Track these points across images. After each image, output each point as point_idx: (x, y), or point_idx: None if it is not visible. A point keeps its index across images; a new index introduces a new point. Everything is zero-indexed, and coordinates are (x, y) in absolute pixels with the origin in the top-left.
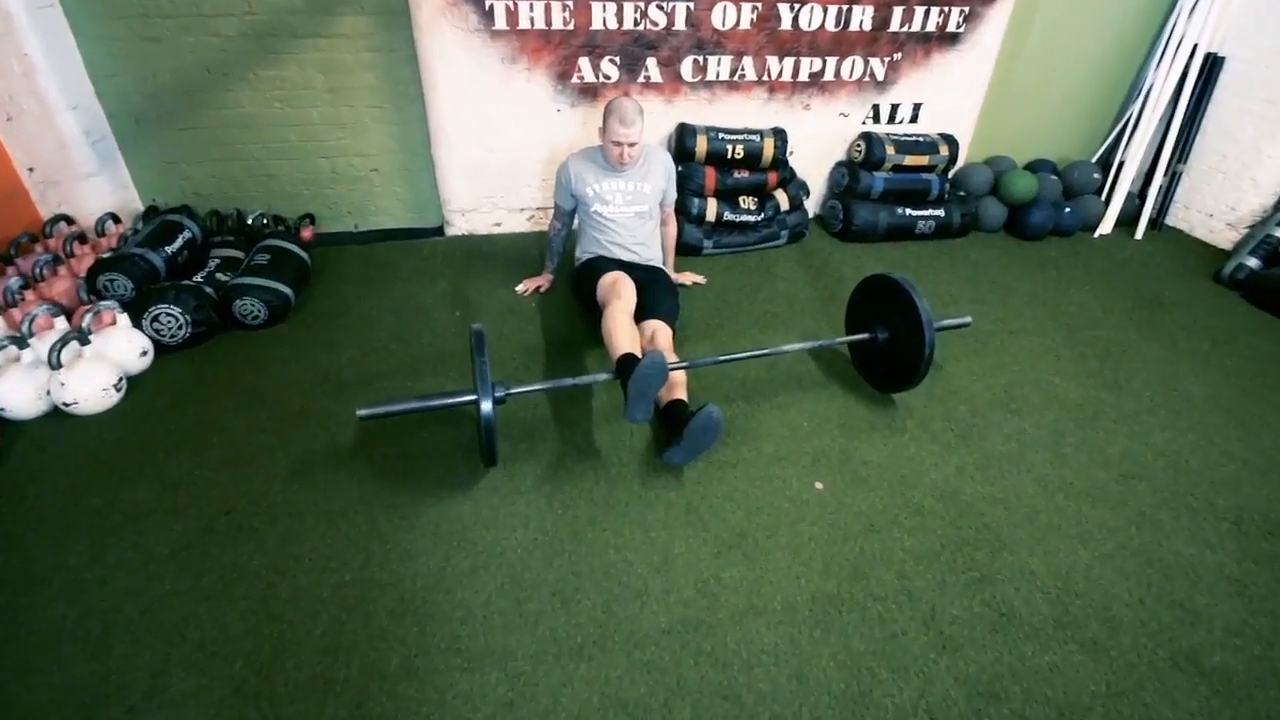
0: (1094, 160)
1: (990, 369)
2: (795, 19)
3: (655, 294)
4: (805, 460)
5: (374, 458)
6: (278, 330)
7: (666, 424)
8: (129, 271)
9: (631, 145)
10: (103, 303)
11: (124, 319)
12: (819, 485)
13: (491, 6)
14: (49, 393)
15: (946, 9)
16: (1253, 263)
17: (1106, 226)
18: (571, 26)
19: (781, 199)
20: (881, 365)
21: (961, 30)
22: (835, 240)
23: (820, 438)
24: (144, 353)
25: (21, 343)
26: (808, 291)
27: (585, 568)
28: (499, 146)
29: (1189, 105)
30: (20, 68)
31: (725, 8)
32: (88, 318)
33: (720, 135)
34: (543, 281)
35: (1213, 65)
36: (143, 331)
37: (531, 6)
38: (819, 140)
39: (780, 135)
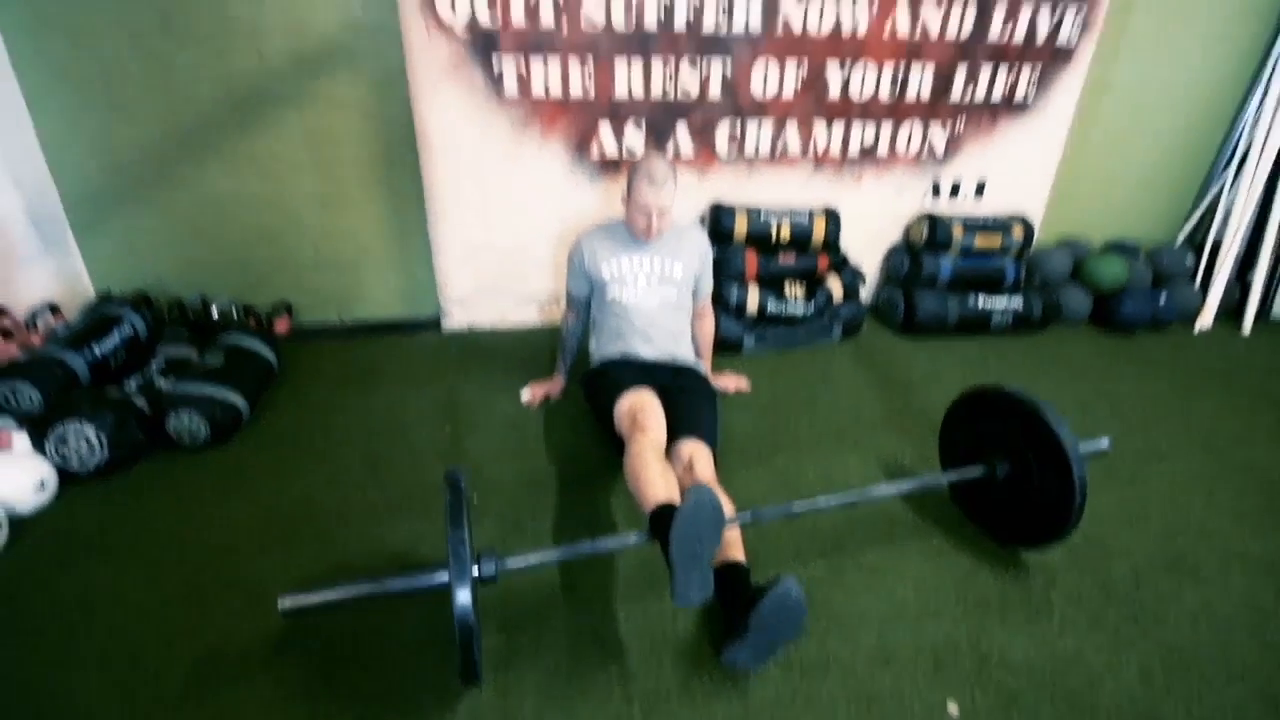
0: (1181, 241)
1: (1135, 508)
2: (845, 82)
3: (690, 403)
4: (924, 662)
5: (311, 654)
6: (221, 453)
7: (724, 600)
8: (39, 379)
9: (662, 212)
10: None
11: (22, 441)
12: (953, 709)
13: (500, 72)
14: None
15: (1017, 68)
16: None
17: (1207, 319)
18: (592, 91)
19: (834, 287)
20: (1003, 509)
21: (1030, 97)
22: (896, 335)
23: (937, 621)
24: (41, 485)
25: None
26: (876, 400)
27: None
28: (506, 226)
29: None
30: None
31: (766, 68)
32: None
33: (763, 214)
34: (553, 387)
35: None
36: (46, 456)
37: (546, 66)
38: (872, 220)
39: (832, 215)
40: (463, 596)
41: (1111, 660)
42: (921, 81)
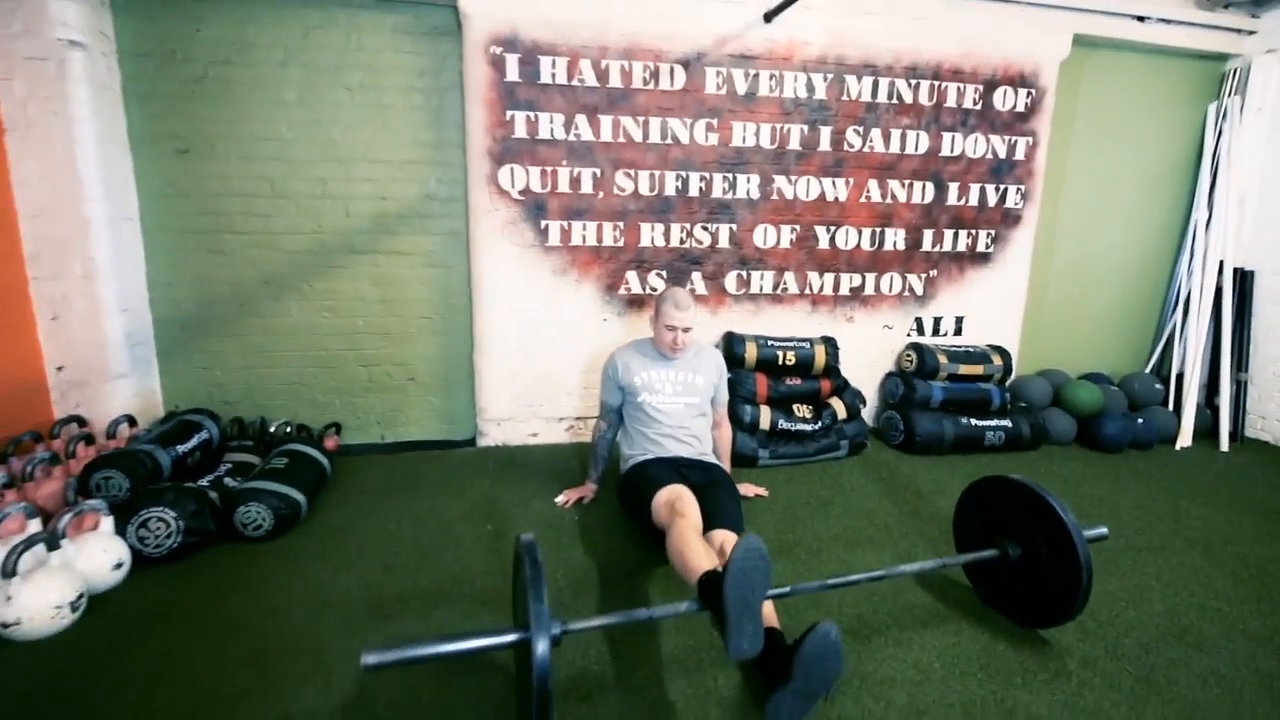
0: (1148, 372)
1: (1137, 592)
2: (832, 239)
3: (718, 498)
4: (954, 715)
5: (376, 714)
6: (281, 543)
7: (764, 663)
8: (129, 469)
9: (685, 330)
10: (89, 503)
11: (108, 523)
12: None
13: (546, 226)
14: None
15: (974, 231)
16: None
17: (1185, 439)
18: (621, 244)
19: (838, 407)
20: (1017, 591)
21: (991, 250)
22: (899, 452)
23: (963, 683)
24: (118, 565)
25: None
26: (887, 505)
27: None
28: (542, 354)
29: (1232, 317)
30: (82, 270)
31: (766, 229)
32: (66, 518)
33: (769, 342)
34: (585, 492)
35: (1244, 279)
36: (125, 539)
37: (584, 225)
38: (866, 352)
39: (830, 342)
40: (542, 644)
41: (1129, 714)
42: (896, 238)
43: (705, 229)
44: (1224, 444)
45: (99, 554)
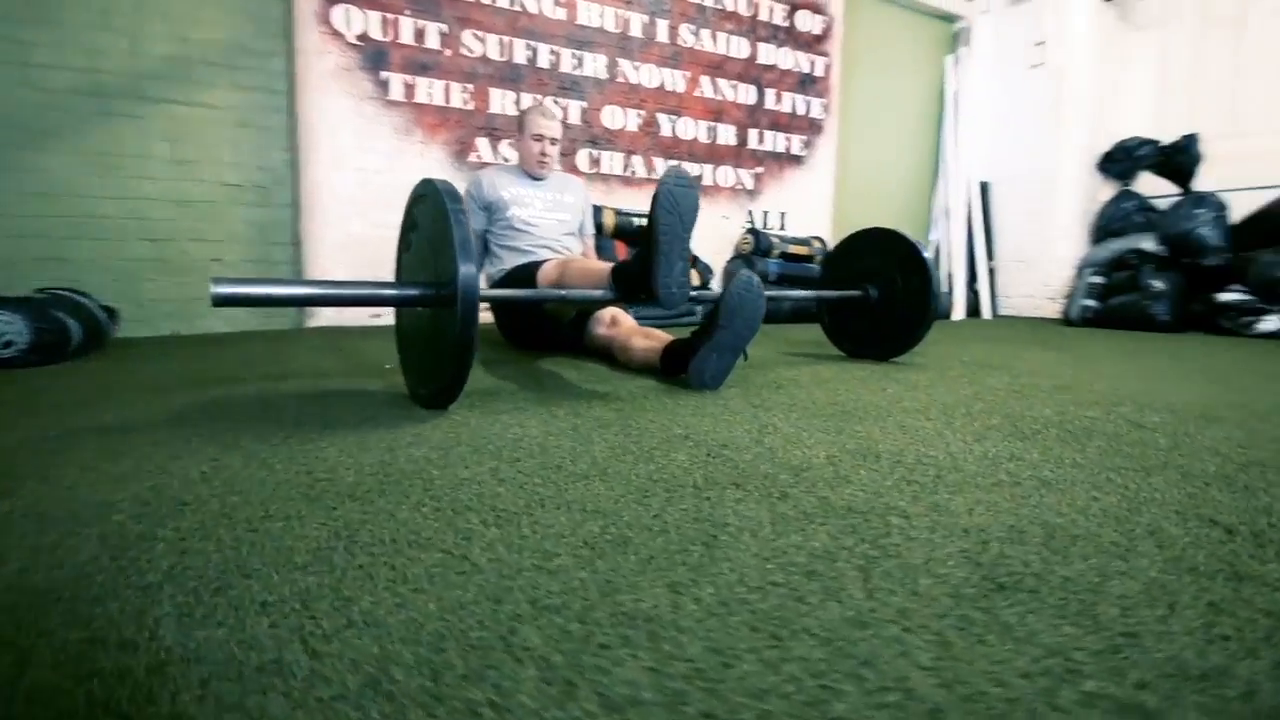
0: None
1: (960, 347)
2: (674, 128)
3: None
4: (854, 381)
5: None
6: (47, 370)
7: (675, 360)
8: None
9: (553, 142)
10: None
11: None
12: (889, 390)
13: (387, 78)
14: None
15: (789, 136)
16: (1090, 303)
17: (958, 314)
18: (471, 108)
19: (692, 277)
20: (881, 327)
21: (804, 155)
22: None
23: (853, 373)
24: None
25: None
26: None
27: (643, 444)
28: (384, 221)
29: (983, 219)
30: None
31: (614, 110)
32: None
33: (625, 212)
34: None
35: (985, 188)
36: None
37: (430, 83)
38: (709, 240)
39: None
40: (468, 267)
41: (989, 381)
42: (728, 134)
43: (556, 102)
44: (986, 316)
45: None
